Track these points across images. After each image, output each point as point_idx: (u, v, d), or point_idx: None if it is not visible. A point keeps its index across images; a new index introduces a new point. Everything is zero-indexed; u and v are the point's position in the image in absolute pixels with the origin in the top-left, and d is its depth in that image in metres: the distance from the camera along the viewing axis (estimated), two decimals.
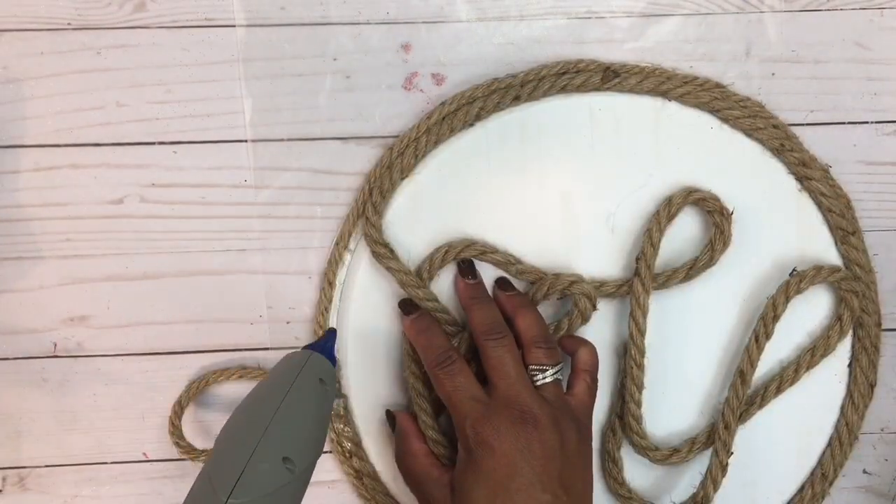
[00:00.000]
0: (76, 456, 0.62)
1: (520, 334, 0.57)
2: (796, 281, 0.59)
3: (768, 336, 0.59)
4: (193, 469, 0.62)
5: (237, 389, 0.62)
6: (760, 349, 0.59)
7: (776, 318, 0.58)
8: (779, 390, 0.60)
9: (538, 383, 0.55)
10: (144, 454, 0.62)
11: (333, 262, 0.61)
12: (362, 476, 0.62)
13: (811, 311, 0.61)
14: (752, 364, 0.59)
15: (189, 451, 0.61)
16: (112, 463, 0.62)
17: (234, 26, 0.60)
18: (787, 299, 0.58)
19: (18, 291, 0.60)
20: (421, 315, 0.59)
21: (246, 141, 0.60)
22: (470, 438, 0.53)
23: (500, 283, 0.60)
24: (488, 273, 0.60)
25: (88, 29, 0.59)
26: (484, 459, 0.53)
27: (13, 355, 0.61)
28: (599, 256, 0.61)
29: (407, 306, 0.59)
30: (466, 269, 0.60)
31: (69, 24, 0.59)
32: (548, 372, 0.56)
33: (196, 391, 0.61)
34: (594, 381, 0.58)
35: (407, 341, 0.59)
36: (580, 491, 0.54)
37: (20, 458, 0.62)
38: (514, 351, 0.56)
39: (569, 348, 0.59)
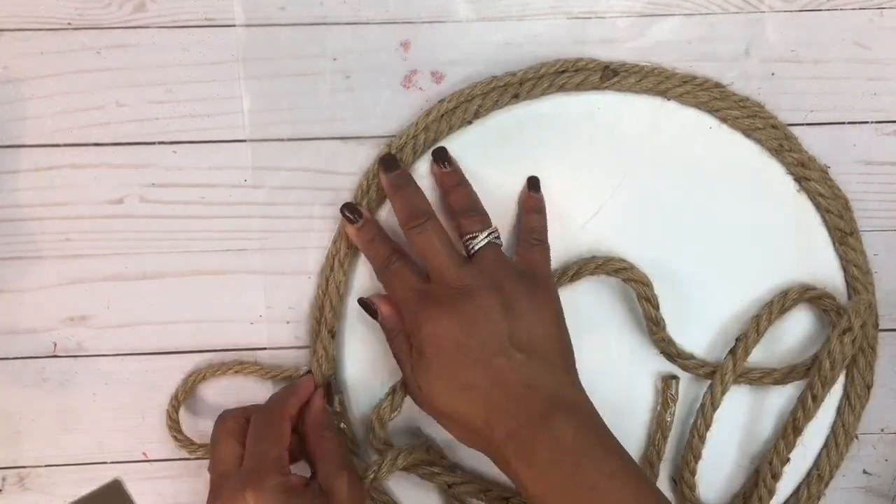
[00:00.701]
0: (76, 456, 0.63)
1: (451, 209, 0.60)
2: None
3: (822, 399, 0.60)
4: (193, 469, 0.63)
5: (235, 384, 0.63)
6: (817, 407, 0.60)
7: (833, 380, 0.59)
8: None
9: (473, 249, 0.57)
10: (144, 454, 0.64)
11: (331, 261, 0.62)
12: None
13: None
14: (807, 417, 0.60)
15: (187, 445, 0.62)
16: (112, 463, 0.63)
17: (233, 26, 0.61)
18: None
19: (18, 291, 0.62)
20: (367, 223, 0.60)
21: (245, 141, 0.62)
22: (413, 334, 0.55)
23: (436, 156, 0.61)
24: None
25: (88, 29, 0.61)
26: (429, 348, 0.55)
27: (13, 355, 0.62)
28: (597, 253, 0.63)
29: (352, 212, 0.60)
30: (389, 163, 0.60)
31: (69, 24, 0.61)
32: (479, 237, 0.57)
33: (193, 384, 0.62)
34: (541, 241, 0.60)
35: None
36: (544, 346, 0.55)
37: (20, 457, 0.63)
38: (439, 231, 0.57)
39: (522, 219, 0.61)
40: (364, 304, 0.60)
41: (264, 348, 0.63)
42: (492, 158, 0.62)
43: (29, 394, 0.63)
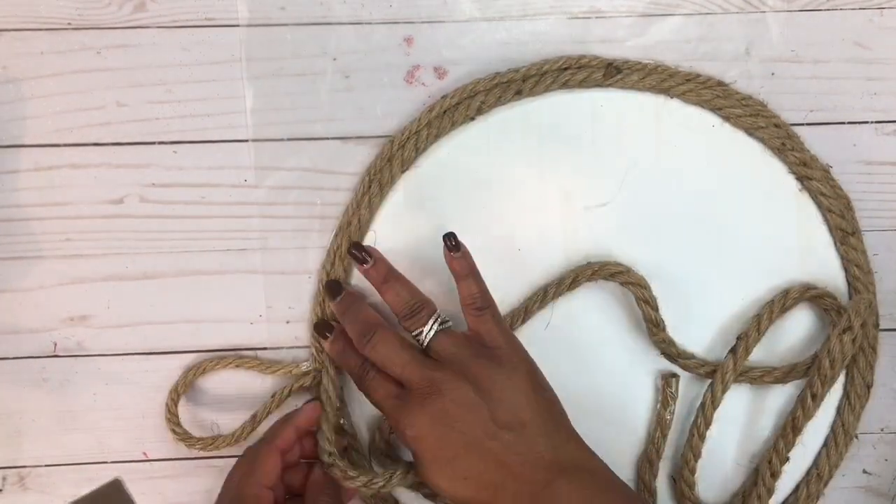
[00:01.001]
0: (76, 455, 0.65)
1: (392, 309, 0.60)
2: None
3: (821, 398, 0.61)
4: (193, 469, 0.65)
5: (235, 378, 0.65)
6: (816, 406, 0.61)
7: (833, 379, 0.61)
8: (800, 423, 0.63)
9: (425, 343, 0.58)
10: (144, 454, 0.65)
11: (332, 257, 0.64)
12: None
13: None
14: (807, 416, 0.62)
15: (185, 438, 0.64)
16: (112, 462, 0.65)
17: (234, 26, 0.63)
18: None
19: (18, 291, 0.64)
20: (337, 336, 0.62)
21: (246, 141, 0.63)
22: (402, 440, 0.57)
23: (354, 252, 0.60)
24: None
25: (88, 29, 0.62)
26: (418, 450, 0.56)
27: (13, 355, 0.64)
28: (599, 250, 0.64)
29: (324, 328, 0.62)
30: (333, 289, 0.62)
31: (69, 24, 0.62)
32: (425, 330, 0.58)
33: (193, 378, 0.64)
34: (482, 308, 0.58)
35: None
36: (530, 416, 0.55)
37: (20, 457, 0.65)
38: (389, 339, 0.58)
39: (457, 286, 0.60)
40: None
41: (264, 348, 0.65)
42: (494, 155, 0.64)
43: (29, 394, 0.64)
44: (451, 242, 0.59)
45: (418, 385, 0.56)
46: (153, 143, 0.64)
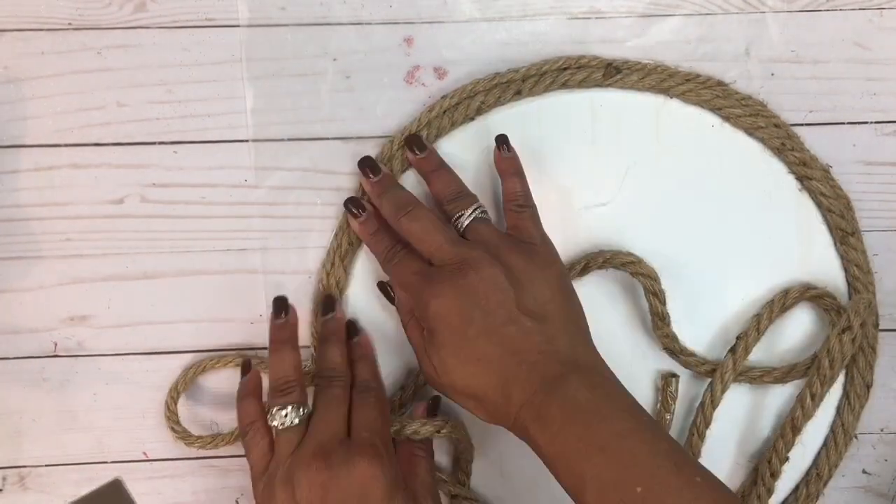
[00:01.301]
0: (76, 455, 0.65)
1: (436, 197, 0.62)
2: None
3: (821, 398, 0.62)
4: (194, 469, 0.66)
5: (235, 377, 0.65)
6: (816, 406, 0.62)
7: (832, 379, 0.62)
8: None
9: (462, 227, 0.59)
10: (144, 453, 0.66)
11: (332, 257, 0.65)
12: None
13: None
14: (806, 416, 0.62)
15: (185, 437, 0.64)
16: (112, 462, 0.66)
17: (234, 26, 0.63)
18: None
19: (19, 291, 0.64)
20: (370, 217, 0.62)
21: (247, 141, 0.64)
22: (423, 315, 0.57)
23: (409, 143, 0.62)
24: None
25: (89, 29, 0.63)
26: (438, 326, 0.56)
27: (13, 355, 0.65)
28: (598, 251, 0.65)
29: (355, 206, 0.62)
30: (372, 167, 0.63)
31: (69, 24, 0.63)
32: (465, 214, 0.59)
33: (193, 376, 0.65)
34: (524, 206, 0.60)
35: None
36: (553, 310, 0.56)
37: (20, 457, 0.65)
38: (428, 214, 0.59)
39: (502, 185, 0.62)
40: (382, 287, 0.63)
41: (264, 348, 0.65)
42: (493, 155, 0.64)
43: (29, 394, 0.65)
44: (504, 144, 0.62)
45: (450, 259, 0.57)
46: (153, 143, 0.64)
